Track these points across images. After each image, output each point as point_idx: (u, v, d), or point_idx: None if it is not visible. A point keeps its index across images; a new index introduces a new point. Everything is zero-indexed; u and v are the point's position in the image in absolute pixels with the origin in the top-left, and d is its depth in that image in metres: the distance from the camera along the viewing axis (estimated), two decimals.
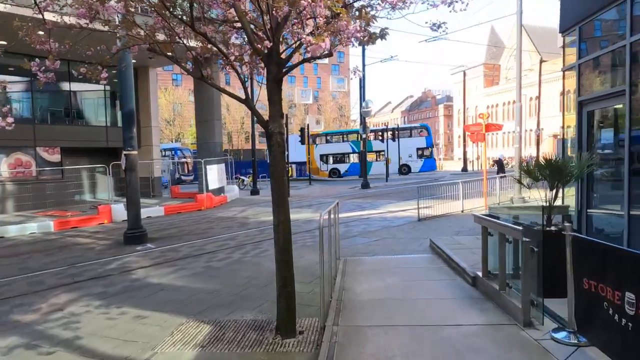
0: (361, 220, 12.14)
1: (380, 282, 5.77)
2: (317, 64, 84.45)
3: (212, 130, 18.56)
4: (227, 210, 15.91)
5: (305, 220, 12.66)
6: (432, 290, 5.26)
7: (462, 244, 7.51)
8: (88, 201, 18.68)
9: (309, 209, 15.45)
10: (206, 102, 18.46)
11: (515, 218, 5.10)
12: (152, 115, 21.03)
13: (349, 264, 6.96)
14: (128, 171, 10.11)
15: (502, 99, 70.74)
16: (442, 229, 10.04)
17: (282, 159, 4.40)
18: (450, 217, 11.74)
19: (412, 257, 7.31)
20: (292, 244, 4.48)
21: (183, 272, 7.44)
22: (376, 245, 8.70)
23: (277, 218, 4.33)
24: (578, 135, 6.68)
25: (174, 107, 66.57)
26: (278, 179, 4.37)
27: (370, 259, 7.44)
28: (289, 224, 4.36)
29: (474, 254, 6.60)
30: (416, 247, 8.29)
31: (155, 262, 8.28)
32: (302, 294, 5.64)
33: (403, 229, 10.36)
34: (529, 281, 3.77)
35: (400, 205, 15.09)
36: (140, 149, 21.36)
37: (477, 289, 5.09)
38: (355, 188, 24.28)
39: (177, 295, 6.07)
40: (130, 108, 10.19)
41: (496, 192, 13.68)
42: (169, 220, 14.03)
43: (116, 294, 6.34)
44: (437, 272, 6.16)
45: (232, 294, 5.94)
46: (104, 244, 10.28)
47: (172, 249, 9.36)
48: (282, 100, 4.47)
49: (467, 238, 8.12)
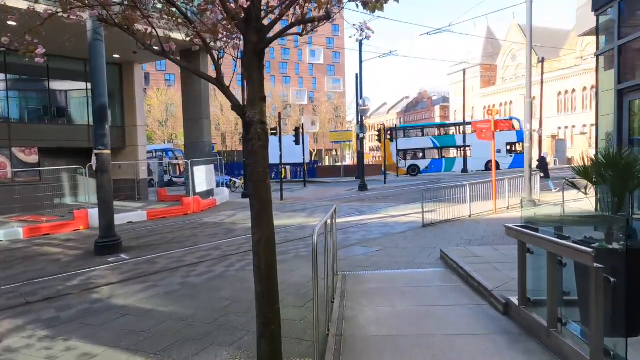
0: (360, 226, 11.10)
1: (388, 306, 4.72)
2: (312, 65, 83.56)
3: (200, 129, 17.46)
4: (216, 214, 14.81)
5: (299, 226, 11.60)
6: (454, 321, 4.22)
7: (480, 257, 6.48)
8: (69, 205, 17.49)
9: (303, 213, 14.38)
10: (194, 99, 17.36)
11: (557, 230, 4.07)
12: (138, 114, 19.91)
13: (349, 281, 5.91)
14: (100, 172, 9.01)
15: (499, 100, 70.06)
16: (451, 236, 9.02)
17: (263, 156, 3.35)
18: (457, 223, 10.72)
19: (422, 273, 6.27)
20: (284, 254, 3.46)
21: (155, 290, 6.36)
22: (378, 257, 7.66)
23: (256, 234, 3.28)
24: (617, 130, 5.69)
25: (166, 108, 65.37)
26: (258, 183, 3.31)
27: (374, 274, 6.39)
28: (272, 243, 3.31)
29: (497, 270, 5.58)
30: (424, 258, 7.25)
31: (125, 278, 7.20)
32: (293, 323, 4.59)
33: (407, 237, 9.32)
34: (600, 323, 2.74)
35: (401, 209, 14.07)
36: (125, 150, 20.29)
37: (513, 321, 4.06)
38: (353, 190, 23.25)
39: (141, 323, 4.99)
40: (103, 102, 9.09)
41: (505, 195, 12.69)
42: (152, 226, 12.92)
43: (69, 320, 5.26)
44: (455, 293, 5.12)
45: (208, 322, 4.87)
46: (73, 255, 9.17)
47: (148, 261, 8.27)
48: (263, 79, 3.42)
49: (484, 249, 7.10)
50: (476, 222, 10.63)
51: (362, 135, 22.57)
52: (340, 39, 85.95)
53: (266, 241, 3.27)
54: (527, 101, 12.55)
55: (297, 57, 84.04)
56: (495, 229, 9.36)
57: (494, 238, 8.44)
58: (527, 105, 12.55)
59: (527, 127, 12.72)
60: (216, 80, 3.39)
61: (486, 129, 11.85)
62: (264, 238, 3.25)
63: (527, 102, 12.56)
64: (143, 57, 19.81)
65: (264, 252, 3.26)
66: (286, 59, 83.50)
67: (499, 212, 11.87)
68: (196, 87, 17.23)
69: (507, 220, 10.90)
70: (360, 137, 22.71)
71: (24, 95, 17.98)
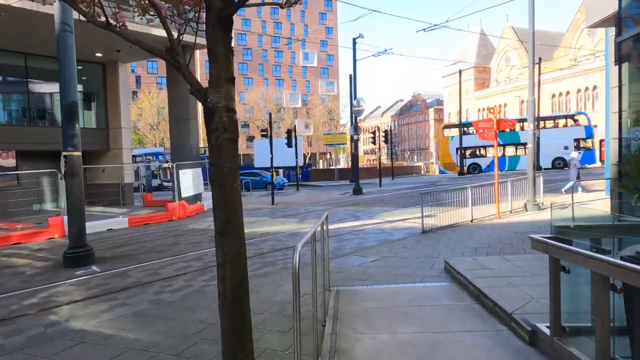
0: (355, 233, 10.36)
1: (389, 333, 3.97)
2: (306, 67, 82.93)
3: (187, 131, 16.66)
4: (202, 220, 14.00)
5: (289, 232, 10.84)
6: (471, 354, 3.47)
7: (490, 269, 5.76)
8: (49, 211, 16.58)
9: (294, 218, 13.61)
10: (181, 100, 16.56)
11: (594, 242, 3.34)
12: (123, 115, 19.06)
13: (343, 299, 5.16)
14: (69, 176, 8.20)
15: (493, 102, 69.67)
16: (454, 244, 8.29)
17: (230, 152, 2.61)
18: (459, 228, 10.01)
19: (426, 288, 5.53)
20: (271, 265, 2.79)
21: (122, 310, 5.57)
22: (376, 267, 6.92)
23: (221, 255, 2.53)
24: None
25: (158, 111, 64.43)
26: (223, 187, 2.57)
27: (371, 289, 5.64)
28: (242, 266, 2.56)
29: (514, 287, 4.85)
30: (427, 270, 6.52)
31: (92, 294, 6.40)
32: (274, 355, 3.83)
33: (406, 244, 8.59)
34: None
35: (398, 214, 13.35)
36: (109, 153, 19.41)
37: (543, 355, 3.32)
38: (347, 194, 22.51)
39: (96, 353, 4.21)
40: (72, 99, 8.30)
41: (507, 198, 12.00)
42: (132, 233, 12.09)
43: (14, 350, 4.46)
44: (467, 315, 4.38)
45: (175, 352, 4.09)
46: (40, 267, 8.33)
47: (120, 274, 7.46)
48: (231, 54, 2.68)
49: (493, 260, 6.37)
50: (479, 227, 9.92)
51: (356, 136, 21.86)
52: (334, 42, 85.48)
53: (234, 263, 2.52)
54: (530, 99, 11.93)
55: (291, 60, 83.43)
56: (501, 235, 8.66)
57: (501, 246, 7.73)
58: (530, 103, 11.93)
59: (530, 126, 12.08)
60: (169, 56, 2.64)
61: (488, 128, 11.17)
62: (230, 259, 2.50)
63: (530, 100, 11.95)
64: (128, 56, 19.02)
65: (230, 277, 2.51)
66: (279, 62, 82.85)
67: (502, 216, 11.18)
68: (182, 86, 16.42)
69: (512, 225, 10.27)
70: (355, 138, 22.01)
71: (0, 96, 17.09)
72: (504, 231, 9.13)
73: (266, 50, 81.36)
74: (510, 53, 69.39)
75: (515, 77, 68.94)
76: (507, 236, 8.56)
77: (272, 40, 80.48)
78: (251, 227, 11.98)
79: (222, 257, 2.52)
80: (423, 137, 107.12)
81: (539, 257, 6.41)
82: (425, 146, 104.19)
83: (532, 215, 11.20)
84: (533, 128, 12.05)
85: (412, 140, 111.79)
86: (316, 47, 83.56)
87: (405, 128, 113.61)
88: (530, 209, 11.82)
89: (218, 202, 2.57)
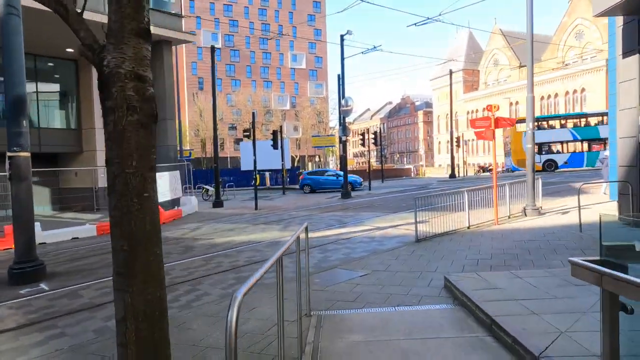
0: (342, 242, 9.45)
1: None
2: (294, 69, 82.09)
3: (164, 132, 15.62)
4: (178, 227, 12.97)
5: (270, 241, 9.89)
6: None
7: (499, 289, 4.88)
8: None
9: (277, 225, 12.65)
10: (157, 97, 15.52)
11: None
12: (97, 115, 17.93)
13: (326, 329, 4.25)
14: (15, 180, 7.17)
15: (482, 104, 69.58)
16: (452, 255, 7.42)
17: (139, 143, 1.67)
18: (455, 236, 9.15)
19: (426, 313, 4.63)
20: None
21: (57, 343, 4.59)
22: (365, 284, 6.00)
23: (120, 306, 1.59)
24: None
25: None
26: (127, 199, 1.63)
27: (361, 315, 4.73)
28: (159, 327, 1.63)
29: (533, 314, 3.98)
30: (424, 288, 5.63)
31: (29, 320, 5.39)
32: None
33: (399, 255, 7.69)
34: None
35: (388, 220, 12.48)
36: (82, 155, 18.27)
37: None
38: (335, 197, 21.62)
39: None
40: (20, 92, 7.26)
41: (506, 202, 11.19)
42: (98, 243, 11.03)
43: None
44: (479, 353, 3.49)
45: None
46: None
47: (70, 293, 6.45)
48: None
49: (500, 277, 5.49)
50: (478, 235, 9.09)
51: (344, 137, 20.98)
52: (323, 44, 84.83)
53: (144, 323, 1.59)
54: (529, 96, 11.20)
55: (279, 62, 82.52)
56: (503, 245, 7.82)
57: (505, 257, 6.88)
58: (529, 100, 11.19)
59: (529, 125, 11.32)
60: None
61: (485, 127, 10.36)
62: (135, 315, 1.56)
63: (529, 97, 11.21)
64: None
65: (136, 346, 1.57)
66: (267, 64, 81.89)
67: (501, 222, 10.38)
68: (159, 84, 15.42)
69: (514, 232, 9.41)
70: (343, 139, 21.12)
71: None
72: (506, 240, 8.30)
73: (254, 52, 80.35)
74: (499, 55, 69.40)
75: (503, 79, 68.92)
76: (510, 245, 7.73)
77: (260, 42, 79.51)
78: (229, 235, 11.02)
79: (122, 311, 1.59)
80: (412, 140, 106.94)
81: (552, 272, 5.57)
82: (415, 149, 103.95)
83: (532, 220, 10.41)
84: (532, 127, 11.29)
85: (401, 142, 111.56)
86: (305, 49, 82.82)
87: (394, 130, 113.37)
88: (529, 214, 11.04)
89: (117, 222, 1.63)
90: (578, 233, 8.37)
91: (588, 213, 9.88)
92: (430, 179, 41.69)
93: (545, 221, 10.15)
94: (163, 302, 1.68)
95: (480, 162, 60.79)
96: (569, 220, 9.88)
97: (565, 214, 11.07)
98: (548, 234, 8.56)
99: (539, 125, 33.21)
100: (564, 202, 13.23)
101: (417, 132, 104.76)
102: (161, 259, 1.74)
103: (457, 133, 47.17)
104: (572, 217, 10.18)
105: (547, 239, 8.06)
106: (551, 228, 9.20)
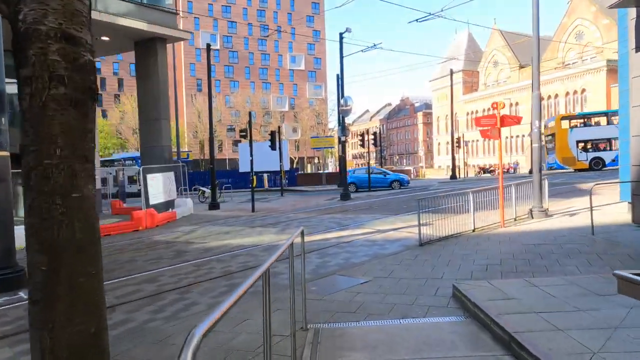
0: (342, 246, 9.00)
1: None
2: (293, 71, 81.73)
3: (158, 132, 15.18)
4: (171, 230, 12.52)
5: (266, 245, 9.44)
6: None
7: (516, 299, 4.44)
8: None
9: (274, 228, 12.20)
10: (151, 97, 15.09)
11: None
12: None
13: (324, 346, 3.80)
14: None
15: (482, 105, 69.33)
16: (458, 260, 6.98)
17: (70, 127, 1.22)
18: (461, 240, 8.71)
19: (434, 327, 4.18)
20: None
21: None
22: (367, 293, 5.56)
23: (38, 349, 1.14)
24: None
25: None
26: (44, 197, 1.18)
27: (362, 328, 4.28)
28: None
29: (557, 330, 3.53)
30: (431, 297, 5.18)
31: (1, 333, 4.94)
32: None
33: (402, 260, 7.25)
34: None
35: (390, 222, 12.04)
36: None
37: None
38: (334, 199, 21.18)
39: None
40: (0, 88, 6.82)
41: (512, 203, 10.75)
42: None
43: None
44: None
45: None
46: None
47: None
48: None
49: (515, 285, 5.05)
50: (484, 238, 8.65)
51: (343, 138, 20.56)
52: (321, 45, 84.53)
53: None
54: (535, 94, 10.77)
55: (278, 63, 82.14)
56: (513, 249, 7.38)
57: (516, 263, 6.44)
58: (536, 97, 10.75)
59: (535, 124, 10.90)
60: None
61: (491, 125, 9.94)
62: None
63: (535, 95, 10.77)
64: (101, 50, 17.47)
65: None
66: (266, 65, 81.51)
67: (507, 224, 9.94)
68: (153, 83, 15.00)
69: (522, 235, 8.93)
70: (342, 140, 20.70)
71: None
72: (514, 243, 7.86)
73: (252, 53, 79.98)
74: (498, 56, 69.12)
75: (503, 80, 68.61)
76: (520, 250, 7.29)
77: (258, 43, 79.15)
78: (224, 239, 10.57)
79: (39, 356, 1.14)
80: (412, 141, 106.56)
81: (570, 280, 5.12)
82: (414, 150, 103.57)
83: (540, 223, 9.98)
84: (539, 125, 10.87)
85: (401, 144, 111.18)
86: (303, 50, 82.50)
87: (394, 132, 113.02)
88: (536, 216, 10.61)
89: (35, 230, 1.19)
90: (590, 236, 7.93)
91: (598, 215, 9.43)
92: (430, 180, 41.30)
93: (553, 223, 9.72)
94: (100, 339, 1.25)
95: (480, 163, 60.38)
96: (579, 223, 9.45)
97: (573, 215, 10.63)
98: (558, 237, 8.12)
99: (586, 122, 32.54)
100: (571, 203, 12.80)
101: (416, 134, 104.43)
102: (100, 279, 1.31)
103: (457, 134, 46.77)
104: (581, 219, 9.76)
105: (558, 243, 7.62)
106: (560, 231, 8.76)
